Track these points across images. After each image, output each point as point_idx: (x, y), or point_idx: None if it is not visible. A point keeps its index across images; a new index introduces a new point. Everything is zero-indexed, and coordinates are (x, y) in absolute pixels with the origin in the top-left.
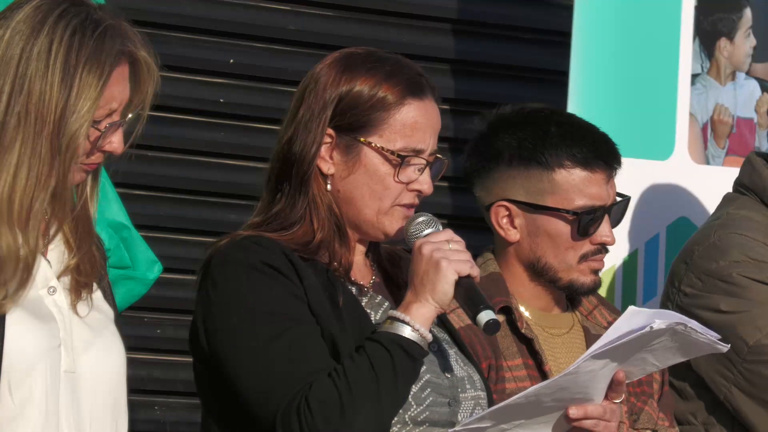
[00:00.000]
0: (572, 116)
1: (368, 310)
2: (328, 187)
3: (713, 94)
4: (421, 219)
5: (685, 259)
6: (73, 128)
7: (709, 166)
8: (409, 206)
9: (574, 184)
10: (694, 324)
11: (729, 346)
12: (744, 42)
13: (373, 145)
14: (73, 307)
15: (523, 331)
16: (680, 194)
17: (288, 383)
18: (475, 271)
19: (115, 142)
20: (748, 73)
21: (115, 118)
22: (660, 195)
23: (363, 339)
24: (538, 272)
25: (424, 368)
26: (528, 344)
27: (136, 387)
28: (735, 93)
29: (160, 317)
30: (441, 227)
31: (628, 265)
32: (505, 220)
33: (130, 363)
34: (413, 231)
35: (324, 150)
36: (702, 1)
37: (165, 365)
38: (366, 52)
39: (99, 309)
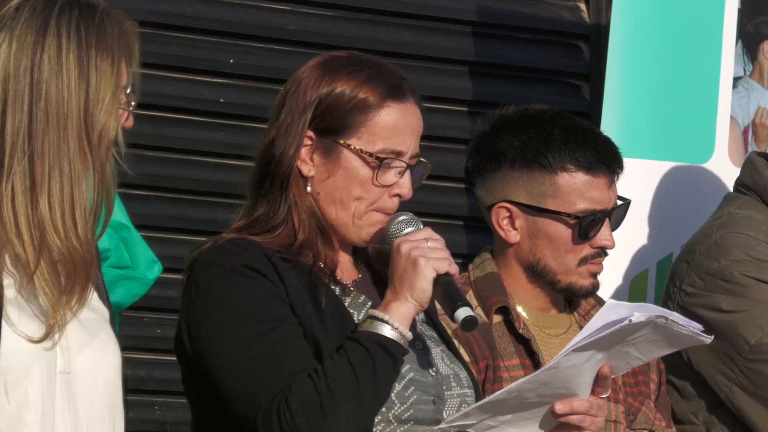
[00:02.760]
0: (575, 119)
1: (351, 310)
2: (308, 189)
3: (755, 97)
4: (401, 218)
5: (686, 259)
6: (103, 120)
7: None
8: (388, 212)
9: (576, 187)
10: (675, 316)
11: (712, 338)
12: None
13: (352, 147)
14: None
15: (520, 331)
16: (719, 197)
17: (270, 384)
18: (453, 269)
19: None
20: None
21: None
22: (699, 198)
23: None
24: (537, 274)
25: (407, 366)
26: (525, 344)
27: (136, 387)
28: None
29: (160, 317)
30: (421, 226)
31: (664, 266)
32: (505, 221)
33: (131, 363)
34: (393, 230)
35: (304, 152)
36: (746, 3)
37: (165, 365)
38: (348, 55)
39: (94, 309)
